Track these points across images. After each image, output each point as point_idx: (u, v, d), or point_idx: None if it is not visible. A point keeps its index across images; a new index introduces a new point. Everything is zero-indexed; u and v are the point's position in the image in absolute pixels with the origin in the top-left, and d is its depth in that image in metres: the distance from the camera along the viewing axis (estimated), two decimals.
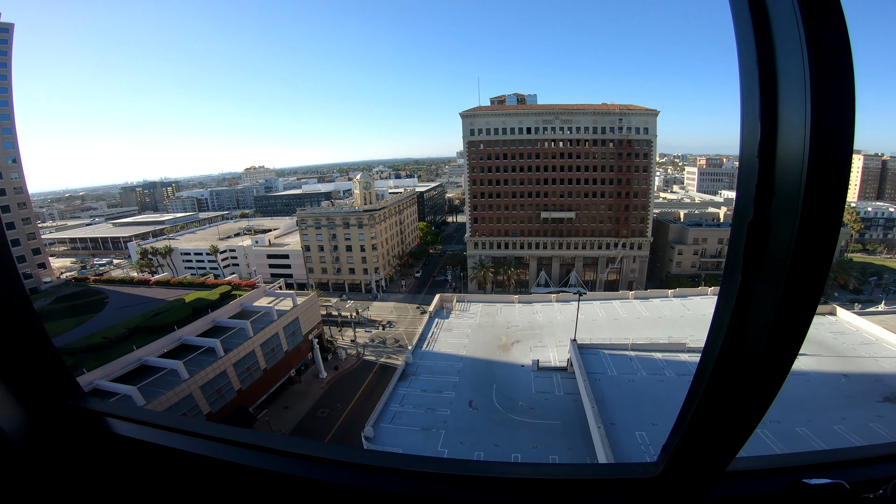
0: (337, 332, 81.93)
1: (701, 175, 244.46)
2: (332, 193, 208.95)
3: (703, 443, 1.98)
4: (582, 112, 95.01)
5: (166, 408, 43.16)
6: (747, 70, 1.50)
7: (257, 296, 69.44)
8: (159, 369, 47.38)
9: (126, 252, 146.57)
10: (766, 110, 1.44)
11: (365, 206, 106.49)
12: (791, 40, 1.37)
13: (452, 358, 47.66)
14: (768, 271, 1.52)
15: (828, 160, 1.32)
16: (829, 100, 1.30)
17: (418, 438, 34.01)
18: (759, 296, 1.57)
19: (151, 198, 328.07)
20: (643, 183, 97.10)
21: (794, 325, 1.52)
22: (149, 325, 54.96)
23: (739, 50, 1.53)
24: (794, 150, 1.37)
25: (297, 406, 58.34)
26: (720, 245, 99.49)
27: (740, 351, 1.68)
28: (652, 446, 28.55)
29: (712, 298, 62.57)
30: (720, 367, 1.76)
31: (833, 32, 1.32)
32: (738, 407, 1.79)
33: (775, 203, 1.46)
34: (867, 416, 31.56)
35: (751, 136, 1.49)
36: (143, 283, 78.14)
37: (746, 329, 1.64)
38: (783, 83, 1.42)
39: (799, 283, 1.44)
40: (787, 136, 1.41)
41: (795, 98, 1.36)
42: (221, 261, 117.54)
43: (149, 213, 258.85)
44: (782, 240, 1.44)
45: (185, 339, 53.39)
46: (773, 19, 1.44)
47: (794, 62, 1.36)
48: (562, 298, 64.97)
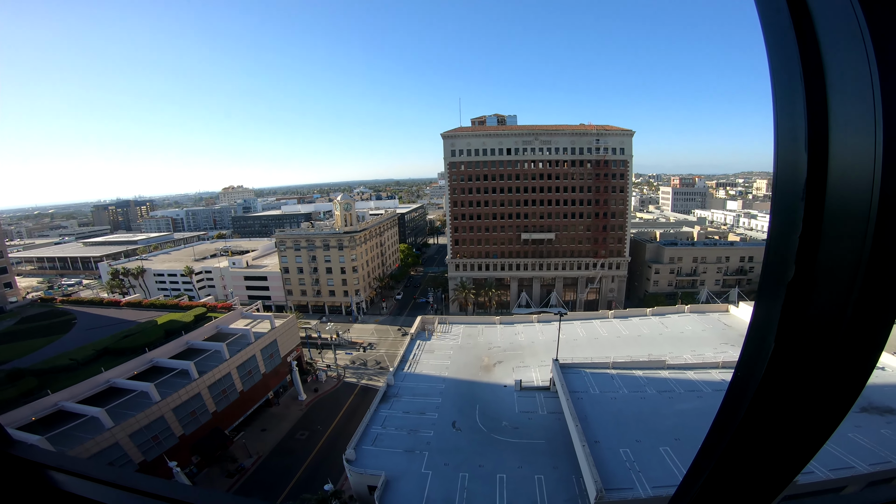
0: (317, 355, 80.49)
1: (675, 195, 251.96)
2: (313, 214, 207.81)
3: (735, 486, 1.63)
4: (560, 133, 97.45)
5: (135, 430, 42.24)
6: (784, 89, 1.27)
7: (234, 318, 68.07)
8: (129, 391, 46.56)
9: (96, 272, 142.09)
10: (814, 138, 1.21)
11: (345, 227, 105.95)
12: (846, 30, 1.16)
13: (435, 379, 47.22)
14: (827, 310, 1.26)
15: None
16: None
17: (401, 460, 33.37)
18: (817, 321, 1.30)
19: (124, 217, 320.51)
20: (620, 203, 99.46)
21: (856, 372, 1.31)
22: (118, 347, 53.57)
23: (773, 61, 1.30)
24: (858, 185, 1.13)
25: (275, 428, 56.99)
26: (695, 264, 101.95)
27: (788, 394, 1.40)
28: (637, 463, 28.56)
29: (689, 316, 63.83)
30: (757, 408, 1.45)
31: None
32: (786, 445, 1.48)
33: (823, 259, 1.23)
34: (845, 426, 32.34)
35: (791, 176, 1.25)
36: (114, 304, 75.84)
37: (795, 370, 1.37)
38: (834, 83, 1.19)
39: (869, 321, 1.22)
40: (846, 169, 1.17)
41: (860, 119, 1.13)
42: (197, 282, 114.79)
43: (121, 233, 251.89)
44: (841, 279, 1.21)
45: (156, 362, 52.41)
46: (817, 15, 1.22)
47: (852, 55, 1.14)
48: (543, 319, 65.36)
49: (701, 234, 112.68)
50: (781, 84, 1.29)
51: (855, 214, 1.16)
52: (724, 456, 1.58)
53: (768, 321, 1.36)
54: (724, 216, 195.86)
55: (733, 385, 1.54)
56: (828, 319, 1.26)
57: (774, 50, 1.30)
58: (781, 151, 1.29)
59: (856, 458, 28.53)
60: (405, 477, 31.48)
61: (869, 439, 30.63)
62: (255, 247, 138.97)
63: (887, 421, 33.21)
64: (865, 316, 1.21)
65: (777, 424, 1.46)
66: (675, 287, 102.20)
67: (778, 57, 1.29)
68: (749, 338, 1.45)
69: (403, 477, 31.46)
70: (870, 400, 36.22)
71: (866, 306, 1.20)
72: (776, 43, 1.30)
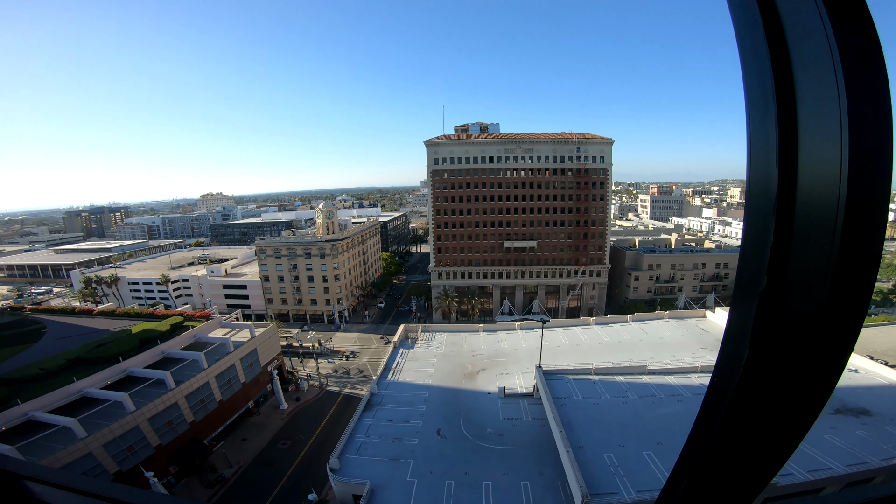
0: (298, 364, 79.39)
1: (653, 202, 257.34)
2: (294, 222, 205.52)
3: (715, 488, 1.70)
4: (542, 141, 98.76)
5: (109, 441, 41.35)
6: (758, 104, 1.34)
7: (212, 327, 66.88)
8: (102, 401, 45.61)
9: (68, 280, 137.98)
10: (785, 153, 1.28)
11: (327, 235, 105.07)
12: (817, 51, 1.23)
13: (419, 387, 47.06)
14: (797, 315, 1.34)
15: (867, 204, 1.17)
16: (870, 135, 1.16)
17: (386, 468, 33.10)
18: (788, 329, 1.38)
19: (98, 224, 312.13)
20: (600, 211, 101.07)
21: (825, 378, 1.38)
22: (91, 357, 52.40)
23: (745, 64, 1.38)
24: (825, 197, 1.21)
25: (255, 438, 56.03)
26: (673, 270, 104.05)
27: (762, 400, 1.47)
28: (621, 467, 28.87)
29: (668, 322, 65.03)
30: (733, 414, 1.51)
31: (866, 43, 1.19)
32: (763, 448, 1.55)
33: (794, 269, 1.30)
34: (821, 427, 33.35)
35: (763, 189, 1.32)
36: (86, 313, 73.78)
37: (768, 376, 1.44)
38: (805, 101, 1.26)
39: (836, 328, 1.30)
40: (814, 182, 1.25)
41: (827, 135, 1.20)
42: (173, 291, 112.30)
43: (94, 240, 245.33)
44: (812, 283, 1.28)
45: (131, 371, 51.46)
46: (790, 35, 1.30)
47: (821, 74, 1.21)
48: (525, 326, 65.79)
49: (678, 242, 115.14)
50: (755, 103, 1.37)
51: (822, 227, 1.23)
52: (704, 458, 1.64)
53: (743, 328, 1.43)
54: (700, 223, 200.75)
55: (711, 390, 1.61)
56: (799, 326, 1.33)
57: (749, 69, 1.38)
58: (754, 167, 1.35)
59: (833, 459, 29.34)
60: (390, 486, 31.19)
61: (845, 441, 31.52)
62: (234, 255, 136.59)
63: (862, 422, 34.25)
64: (833, 322, 1.28)
65: (754, 427, 1.52)
66: (654, 293, 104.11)
67: (753, 76, 1.37)
68: (725, 344, 1.53)
69: (389, 486, 31.17)
70: (844, 402, 37.31)
71: (834, 313, 1.27)
72: (751, 62, 1.38)
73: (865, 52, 1.19)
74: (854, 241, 1.21)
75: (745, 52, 1.39)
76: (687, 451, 1.74)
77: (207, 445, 50.91)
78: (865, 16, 1.23)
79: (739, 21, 1.42)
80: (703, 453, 1.63)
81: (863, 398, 37.89)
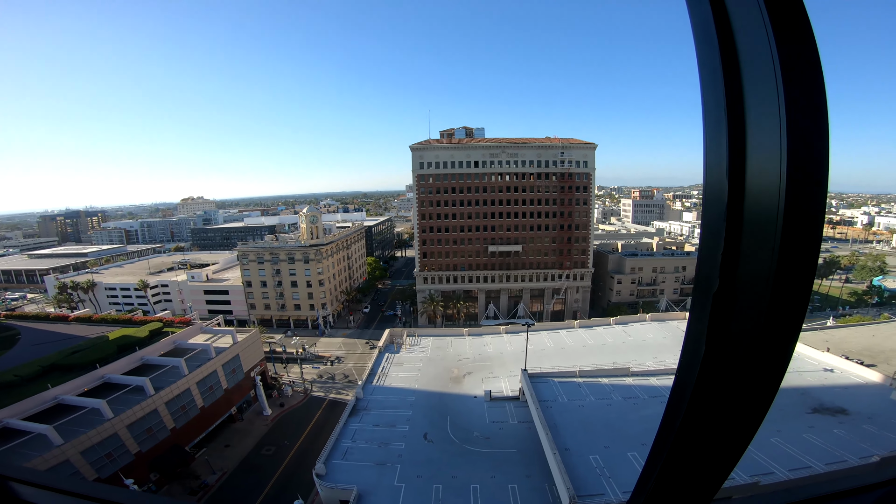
0: (282, 369, 78.36)
1: (635, 207, 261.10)
2: (277, 227, 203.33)
3: (681, 482, 1.83)
4: (527, 146, 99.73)
5: (87, 448, 40.67)
6: (713, 117, 1.49)
7: (193, 333, 65.75)
8: (79, 408, 44.79)
9: (42, 286, 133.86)
10: (735, 159, 1.43)
11: (311, 240, 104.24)
12: (764, 72, 1.37)
13: (405, 392, 46.95)
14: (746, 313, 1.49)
15: (805, 209, 1.30)
16: (806, 146, 1.30)
17: (373, 473, 32.94)
18: (738, 334, 1.53)
19: (74, 228, 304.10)
20: (584, 215, 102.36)
21: (776, 361, 1.51)
22: (66, 363, 51.33)
23: (705, 91, 1.51)
24: (767, 204, 1.35)
25: (239, 444, 55.25)
26: (654, 273, 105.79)
27: (720, 386, 1.61)
28: (607, 469, 29.22)
29: (651, 324, 66.06)
30: (697, 402, 1.66)
31: (808, 66, 1.33)
32: (721, 442, 1.69)
33: (743, 270, 1.44)
34: (800, 427, 34.16)
35: (717, 190, 1.47)
36: (61, 319, 72.14)
37: (727, 364, 1.58)
38: (752, 118, 1.41)
39: (779, 324, 1.44)
40: (759, 189, 1.39)
41: (769, 145, 1.35)
42: (152, 296, 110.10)
43: (70, 245, 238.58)
44: (756, 286, 1.43)
45: (109, 378, 50.48)
46: (743, 56, 1.44)
47: (766, 94, 1.36)
48: (511, 330, 66.19)
49: (660, 245, 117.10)
50: (709, 119, 1.52)
51: (766, 232, 1.37)
52: (671, 452, 1.78)
53: (700, 328, 1.58)
54: (681, 227, 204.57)
55: (675, 387, 1.75)
56: (748, 323, 1.47)
57: (706, 88, 1.53)
58: (709, 178, 1.51)
59: (812, 458, 30.08)
60: (378, 490, 31.06)
61: (823, 440, 32.34)
62: (215, 260, 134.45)
63: (839, 421, 35.18)
64: (777, 319, 1.43)
65: (714, 418, 1.66)
66: (637, 296, 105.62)
67: (709, 95, 1.52)
68: (686, 344, 1.69)
69: (376, 491, 31.04)
70: (822, 401, 38.25)
71: (777, 310, 1.41)
72: (707, 83, 1.53)
73: (806, 75, 1.32)
74: (793, 244, 1.33)
75: (703, 72, 1.54)
76: (656, 446, 1.87)
77: (189, 452, 50.16)
78: (809, 39, 1.37)
79: (700, 46, 1.56)
80: (670, 447, 1.76)
81: (839, 397, 38.92)
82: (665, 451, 1.80)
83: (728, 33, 1.50)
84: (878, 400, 38.37)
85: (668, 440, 1.78)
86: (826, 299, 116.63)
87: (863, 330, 66.00)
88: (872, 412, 36.25)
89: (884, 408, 36.88)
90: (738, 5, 1.47)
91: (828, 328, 68.26)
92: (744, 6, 1.45)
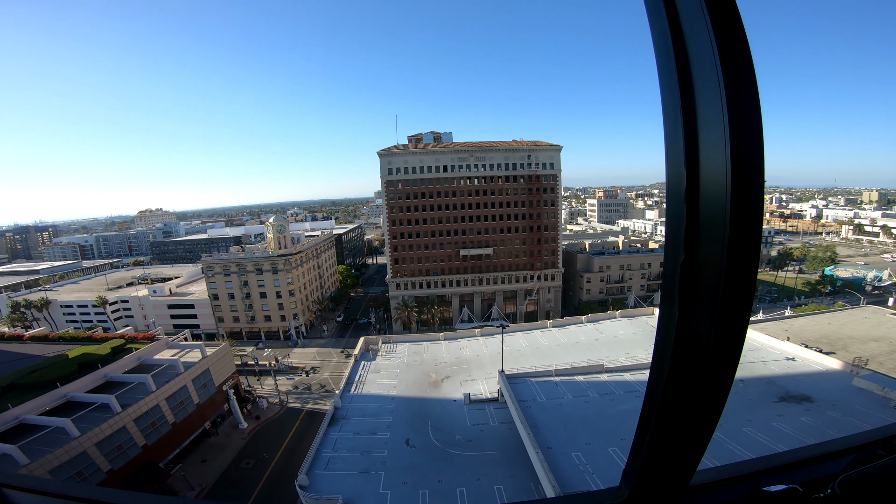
0: (255, 382, 76.52)
1: (600, 206, 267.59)
2: (243, 238, 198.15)
3: (663, 462, 2.05)
4: (494, 149, 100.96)
5: (55, 466, 39.43)
6: (671, 119, 1.75)
7: (159, 348, 63.68)
8: (42, 427, 43.37)
9: None
10: (690, 155, 1.70)
11: (279, 250, 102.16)
12: (711, 88, 1.63)
13: (383, 399, 46.63)
14: (702, 301, 1.73)
15: (746, 198, 1.56)
16: (745, 142, 1.56)
17: (357, 482, 32.54)
18: (698, 322, 1.77)
19: (24, 244, 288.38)
20: (552, 216, 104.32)
21: (732, 342, 1.75)
22: (25, 382, 49.48)
23: (664, 96, 1.78)
24: (717, 194, 1.62)
25: (216, 459, 53.94)
26: (622, 271, 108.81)
27: (687, 373, 1.84)
28: (589, 465, 29.76)
29: (621, 321, 67.81)
30: (670, 390, 1.89)
31: (746, 83, 1.58)
32: (693, 424, 1.90)
33: (703, 244, 1.70)
34: (769, 415, 35.47)
35: (677, 183, 1.73)
36: (16, 338, 68.52)
37: (691, 352, 1.81)
38: (704, 127, 1.67)
39: (731, 307, 1.68)
40: (710, 181, 1.65)
41: (717, 142, 1.61)
42: (112, 313, 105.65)
43: (20, 262, 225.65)
44: (711, 274, 1.67)
45: (71, 396, 49.02)
46: (695, 74, 1.69)
47: (713, 106, 1.62)
48: (486, 332, 66.64)
49: (625, 243, 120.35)
50: (668, 116, 1.77)
51: (717, 212, 1.62)
52: (652, 437, 1.99)
53: (671, 294, 1.81)
54: (644, 225, 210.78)
55: (655, 351, 1.98)
56: (710, 289, 1.71)
57: (664, 89, 1.78)
58: (669, 168, 1.76)
59: (784, 446, 30.99)
60: (363, 499, 30.72)
61: (791, 426, 33.58)
62: (178, 273, 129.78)
63: (805, 409, 36.50)
64: (732, 286, 1.66)
65: (685, 402, 1.89)
66: (606, 294, 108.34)
67: (667, 95, 1.77)
68: (661, 310, 1.93)
69: (361, 499, 30.69)
70: (787, 390, 39.61)
71: (731, 279, 1.65)
72: (665, 83, 1.78)
73: (742, 78, 1.58)
74: (739, 221, 1.58)
75: (662, 75, 1.79)
76: (639, 434, 2.10)
77: (164, 468, 48.77)
78: (744, 50, 1.62)
79: (659, 53, 1.80)
80: (651, 432, 1.98)
81: (803, 385, 40.26)
82: (646, 436, 2.02)
83: (681, 41, 1.74)
84: (841, 387, 39.64)
85: (648, 426, 2.00)
86: (782, 290, 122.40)
87: (819, 318, 68.38)
88: (836, 399, 37.56)
89: (847, 394, 38.17)
90: (689, 13, 1.72)
91: (786, 318, 70.56)
92: (692, 14, 1.70)
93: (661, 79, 1.80)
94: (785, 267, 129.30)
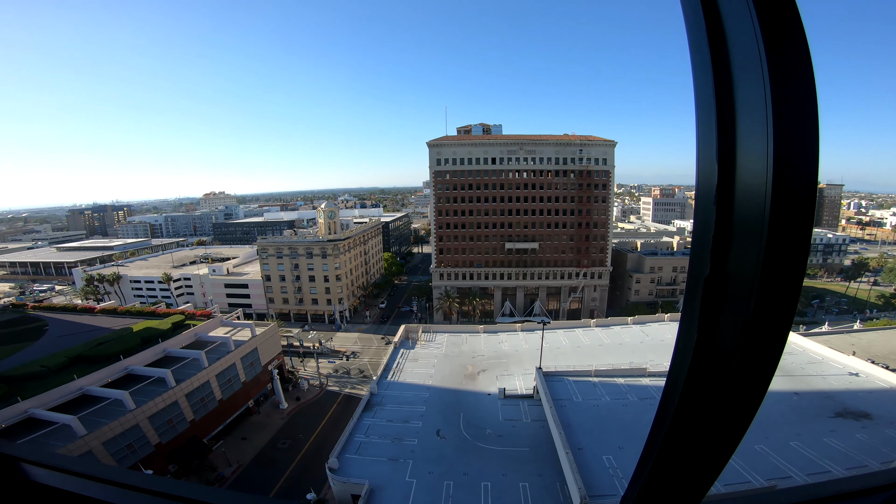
0: (299, 363, 79.62)
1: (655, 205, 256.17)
2: (296, 222, 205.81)
3: (674, 476, 1.80)
4: (545, 143, 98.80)
5: (109, 438, 41.48)
6: (704, 108, 1.48)
7: (213, 326, 67.14)
8: (102, 399, 45.77)
9: (70, 278, 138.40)
10: (724, 151, 1.42)
11: (329, 235, 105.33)
12: (753, 77, 1.35)
13: (419, 388, 47.18)
14: (729, 320, 1.46)
15: (792, 203, 1.28)
16: (794, 137, 1.28)
17: (385, 469, 33.21)
18: (720, 348, 1.51)
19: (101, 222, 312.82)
20: (602, 213, 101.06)
21: (760, 369, 1.47)
22: (92, 355, 52.50)
23: (697, 87, 1.51)
24: (755, 197, 1.33)
25: (255, 437, 56.16)
26: (675, 273, 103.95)
27: (712, 380, 1.56)
28: (620, 469, 28.91)
29: (669, 324, 64.94)
30: (688, 396, 1.62)
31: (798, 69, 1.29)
32: (712, 438, 1.64)
33: (734, 254, 1.41)
34: (821, 431, 33.29)
35: (707, 181, 1.45)
36: (88, 311, 74.04)
37: (715, 357, 1.54)
38: (742, 120, 1.39)
39: (764, 329, 1.40)
40: (747, 181, 1.37)
41: (757, 136, 1.33)
42: (175, 289, 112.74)
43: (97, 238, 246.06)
44: (742, 289, 1.39)
45: (132, 370, 51.62)
46: (735, 61, 1.41)
47: (754, 97, 1.34)
48: (526, 328, 65.84)
49: (680, 244, 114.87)
50: (702, 108, 1.50)
51: (755, 218, 1.33)
52: (663, 446, 1.73)
53: (692, 314, 1.54)
54: None
55: (670, 373, 1.71)
56: (739, 309, 1.42)
57: (698, 81, 1.51)
58: (701, 166, 1.48)
59: (833, 462, 29.30)
60: (389, 486, 31.32)
61: (844, 444, 31.48)
62: (236, 254, 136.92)
63: (862, 425, 34.15)
64: (767, 306, 1.37)
65: (705, 410, 1.60)
66: (656, 296, 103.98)
67: (701, 86, 1.50)
68: (679, 332, 1.65)
69: (388, 486, 31.30)
70: (845, 405, 37.21)
71: (767, 298, 1.36)
72: (699, 74, 1.51)
73: (792, 68, 1.29)
74: (781, 231, 1.29)
75: (695, 67, 1.52)
76: (650, 440, 1.83)
77: (207, 444, 51.11)
78: (800, 37, 1.33)
79: (692, 39, 1.54)
80: (662, 440, 1.72)
81: (863, 401, 37.89)
82: (657, 445, 1.77)
83: (720, 34, 1.47)
84: None
85: (660, 433, 1.74)
86: (854, 302, 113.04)
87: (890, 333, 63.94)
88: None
89: None
90: (730, 5, 1.44)
91: (854, 331, 66.15)
92: (735, 5, 1.42)
93: (692, 57, 1.53)
94: (859, 277, 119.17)
